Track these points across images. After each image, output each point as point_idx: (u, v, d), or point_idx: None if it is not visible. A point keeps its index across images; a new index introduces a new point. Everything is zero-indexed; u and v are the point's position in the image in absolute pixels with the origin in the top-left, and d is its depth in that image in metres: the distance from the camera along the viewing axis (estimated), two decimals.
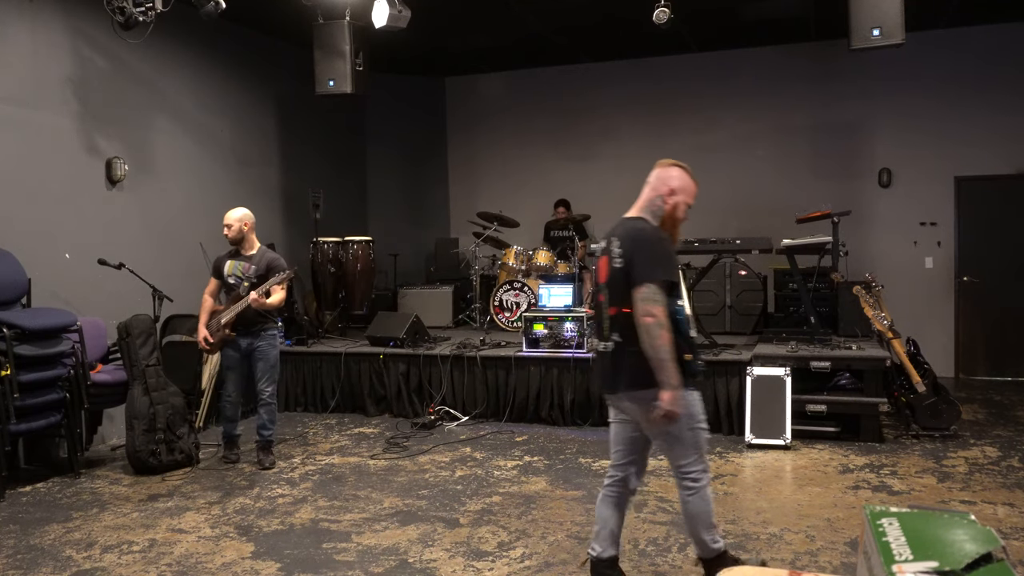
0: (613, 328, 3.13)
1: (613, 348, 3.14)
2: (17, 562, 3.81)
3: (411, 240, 9.96)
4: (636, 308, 2.98)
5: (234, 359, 5.39)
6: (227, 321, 5.24)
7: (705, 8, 7.48)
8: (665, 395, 2.96)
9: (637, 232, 3.11)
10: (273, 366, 5.42)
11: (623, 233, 3.14)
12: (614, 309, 3.12)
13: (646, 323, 2.95)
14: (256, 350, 5.36)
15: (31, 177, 5.68)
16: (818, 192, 8.37)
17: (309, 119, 8.75)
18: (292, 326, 7.45)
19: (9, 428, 4.76)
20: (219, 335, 5.30)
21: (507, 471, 5.19)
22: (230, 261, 5.41)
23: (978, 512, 4.22)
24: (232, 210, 5.44)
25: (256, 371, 5.40)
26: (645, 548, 3.84)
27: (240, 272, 5.34)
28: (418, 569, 3.65)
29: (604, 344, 3.19)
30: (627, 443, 3.27)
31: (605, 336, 3.18)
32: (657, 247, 3.08)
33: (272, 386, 5.42)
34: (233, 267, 5.38)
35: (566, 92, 9.68)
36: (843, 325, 6.79)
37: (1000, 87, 8.15)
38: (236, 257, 5.41)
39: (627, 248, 3.07)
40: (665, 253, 3.09)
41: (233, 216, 5.39)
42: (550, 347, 6.58)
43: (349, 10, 6.79)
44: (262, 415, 5.43)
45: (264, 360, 5.38)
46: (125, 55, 6.40)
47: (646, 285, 2.97)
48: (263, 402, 5.41)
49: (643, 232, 3.11)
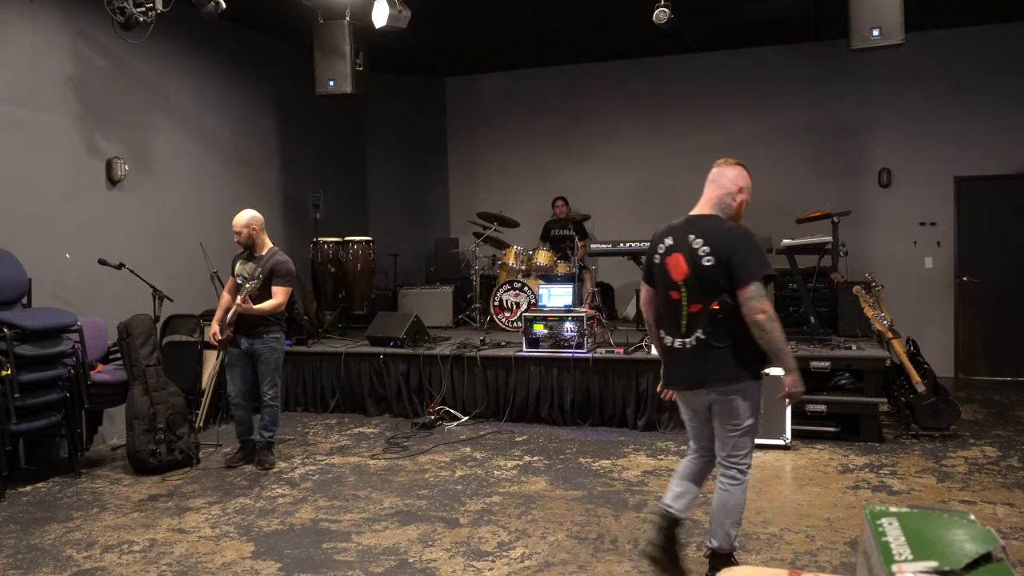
0: (696, 324, 3.16)
1: (696, 344, 3.17)
2: (17, 562, 3.81)
3: (411, 240, 9.96)
4: (746, 307, 3.03)
5: (235, 356, 5.38)
6: (230, 320, 5.24)
7: (705, 8, 7.48)
8: (788, 379, 3.17)
9: (729, 232, 3.15)
10: (275, 369, 5.41)
11: (708, 232, 3.16)
12: (698, 306, 3.15)
13: (759, 320, 3.02)
14: (256, 353, 5.35)
15: (31, 177, 5.68)
16: (818, 192, 8.38)
17: (309, 119, 8.75)
18: (292, 326, 7.43)
19: (9, 428, 4.76)
20: (226, 332, 5.32)
21: (507, 471, 5.19)
22: (241, 262, 5.45)
23: (978, 512, 4.22)
24: (239, 215, 5.38)
25: (257, 373, 5.41)
26: (645, 548, 3.84)
27: (247, 273, 5.33)
28: (418, 569, 3.66)
29: (682, 341, 3.22)
30: (707, 437, 3.37)
31: (683, 332, 3.20)
32: (754, 245, 3.12)
33: (274, 389, 5.41)
34: (242, 268, 5.40)
35: (566, 92, 9.68)
36: (843, 325, 6.79)
37: (1000, 87, 8.15)
38: (248, 258, 5.42)
39: (720, 247, 3.10)
40: (761, 249, 3.15)
41: (240, 222, 5.35)
42: (550, 347, 6.58)
43: (349, 10, 6.79)
44: (264, 416, 5.44)
45: (264, 363, 5.37)
46: (125, 55, 6.40)
47: (753, 284, 3.03)
48: (265, 404, 5.41)
49: (736, 231, 3.15)
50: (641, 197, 9.32)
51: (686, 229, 3.22)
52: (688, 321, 3.18)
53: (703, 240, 3.13)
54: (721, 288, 3.08)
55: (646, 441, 5.86)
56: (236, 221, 5.38)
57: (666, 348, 3.32)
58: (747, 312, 3.03)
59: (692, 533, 4.02)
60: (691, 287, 3.16)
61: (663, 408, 6.18)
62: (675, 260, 3.21)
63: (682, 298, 3.19)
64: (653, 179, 9.29)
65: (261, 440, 5.46)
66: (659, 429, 6.17)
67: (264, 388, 5.40)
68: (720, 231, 3.15)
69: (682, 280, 3.18)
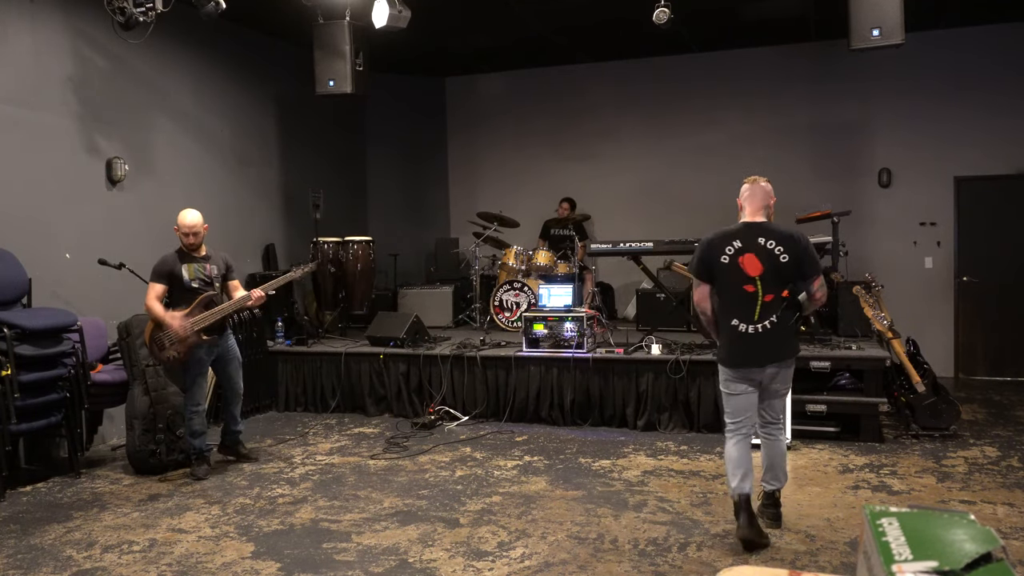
0: (770, 311, 3.84)
1: (771, 327, 3.83)
2: (18, 562, 3.81)
3: (411, 240, 9.96)
4: (819, 291, 3.86)
5: (204, 362, 5.20)
6: (206, 326, 5.04)
7: (705, 8, 7.48)
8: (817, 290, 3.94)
9: (797, 236, 3.88)
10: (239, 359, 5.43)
11: (779, 236, 3.85)
12: (771, 296, 3.83)
13: (824, 298, 3.93)
14: (227, 350, 5.30)
15: (31, 177, 5.68)
16: (818, 192, 8.38)
17: (309, 119, 8.75)
18: (292, 326, 7.46)
19: (9, 428, 4.76)
20: (188, 342, 4.99)
21: (507, 471, 5.19)
22: (186, 265, 5.08)
23: (978, 512, 4.22)
24: (190, 214, 5.09)
25: (230, 369, 5.34)
26: (645, 548, 3.84)
27: (202, 275, 5.12)
28: (418, 569, 3.66)
29: (755, 326, 3.85)
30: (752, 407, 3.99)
31: (756, 319, 3.84)
32: (812, 246, 3.94)
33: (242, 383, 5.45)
34: (193, 270, 5.08)
35: (566, 92, 9.68)
36: (843, 325, 6.79)
37: (1000, 87, 8.15)
38: (189, 260, 5.10)
39: (792, 248, 3.82)
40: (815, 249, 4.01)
41: (197, 222, 5.08)
42: (550, 347, 6.58)
43: (349, 10, 6.79)
44: (234, 410, 5.41)
45: (235, 357, 5.37)
46: (125, 55, 6.40)
47: (819, 275, 3.87)
48: (238, 396, 5.40)
49: (801, 236, 3.89)
50: (641, 197, 9.32)
51: (754, 234, 3.88)
52: (762, 308, 3.83)
53: (776, 242, 3.83)
54: (791, 280, 3.84)
55: (646, 441, 5.86)
56: (192, 221, 5.06)
57: (738, 334, 3.88)
58: (819, 293, 3.85)
59: (692, 533, 4.02)
60: (766, 281, 3.82)
61: (663, 408, 6.18)
62: (749, 259, 3.85)
63: (757, 290, 3.83)
64: (653, 179, 9.30)
65: (236, 433, 5.47)
66: (659, 429, 6.17)
67: (238, 381, 5.38)
68: (790, 236, 3.86)
69: (759, 275, 3.83)
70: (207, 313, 5.06)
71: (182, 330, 4.95)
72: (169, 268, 5.06)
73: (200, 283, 5.12)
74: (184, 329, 4.96)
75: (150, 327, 5.03)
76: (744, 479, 3.87)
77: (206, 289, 5.13)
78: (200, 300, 5.06)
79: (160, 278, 5.04)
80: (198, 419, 5.19)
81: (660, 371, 6.16)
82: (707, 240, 3.97)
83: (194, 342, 5.03)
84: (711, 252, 3.93)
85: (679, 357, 6.10)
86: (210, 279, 5.17)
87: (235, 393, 5.41)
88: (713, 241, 3.94)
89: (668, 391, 6.16)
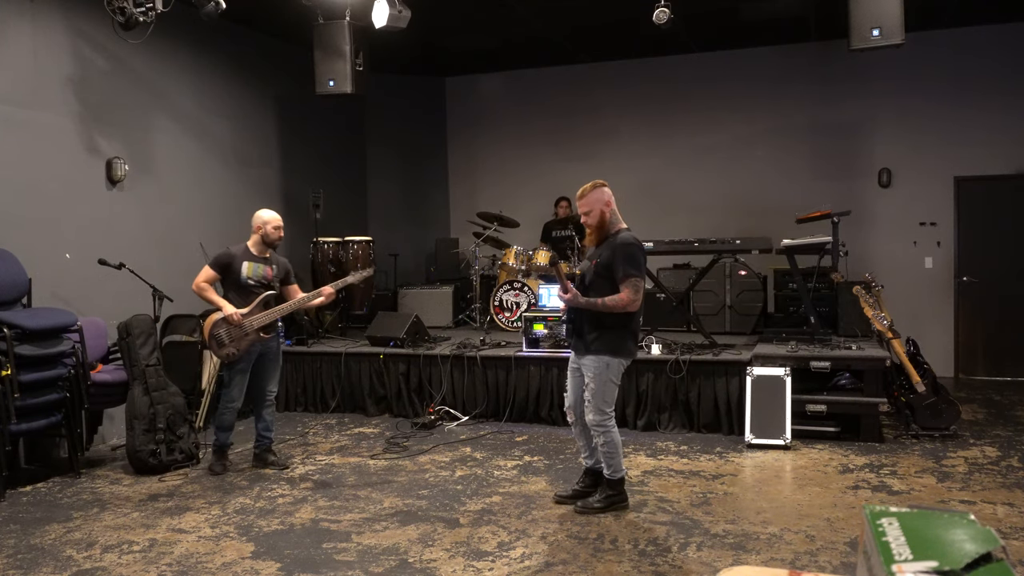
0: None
1: None
2: (18, 562, 3.81)
3: (411, 240, 9.96)
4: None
5: (250, 362, 5.21)
6: (263, 324, 5.07)
7: (705, 8, 7.48)
8: None
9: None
10: (280, 365, 5.43)
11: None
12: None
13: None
14: (270, 351, 5.27)
15: (31, 177, 5.68)
16: (818, 192, 8.37)
17: (309, 119, 8.75)
18: (292, 326, 7.45)
19: (9, 428, 4.76)
20: (247, 340, 5.07)
21: (507, 471, 5.19)
22: (248, 262, 5.15)
23: (978, 512, 4.22)
24: (273, 213, 5.30)
25: (267, 372, 5.29)
26: (645, 548, 3.84)
27: (260, 275, 5.16)
28: (418, 569, 3.66)
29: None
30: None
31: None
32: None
33: (276, 386, 5.43)
34: (252, 269, 5.14)
35: (566, 92, 9.68)
36: (843, 325, 6.79)
37: (1000, 87, 8.15)
38: (251, 259, 5.18)
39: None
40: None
41: (280, 220, 5.29)
42: (550, 347, 6.58)
43: (349, 10, 6.79)
44: (266, 417, 5.35)
45: (276, 360, 5.34)
46: (125, 55, 6.40)
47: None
48: (270, 403, 5.36)
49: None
50: (641, 197, 9.30)
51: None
52: None
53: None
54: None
55: (646, 441, 5.86)
56: (277, 218, 5.28)
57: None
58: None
59: (692, 533, 4.02)
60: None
61: (663, 408, 6.18)
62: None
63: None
64: (653, 179, 9.29)
65: (266, 441, 5.38)
66: (659, 429, 6.17)
67: (272, 387, 5.34)
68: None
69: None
70: (266, 312, 5.11)
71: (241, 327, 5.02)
72: (230, 259, 5.13)
73: (256, 282, 5.16)
74: (245, 327, 5.04)
75: (210, 322, 5.07)
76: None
77: (261, 290, 5.15)
78: (260, 299, 5.12)
79: (217, 265, 5.12)
80: (230, 414, 5.22)
81: (660, 371, 6.16)
82: (640, 244, 4.35)
83: (253, 340, 5.10)
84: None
85: (679, 357, 6.10)
86: (267, 280, 5.20)
87: (264, 393, 5.31)
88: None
89: (668, 391, 6.16)
